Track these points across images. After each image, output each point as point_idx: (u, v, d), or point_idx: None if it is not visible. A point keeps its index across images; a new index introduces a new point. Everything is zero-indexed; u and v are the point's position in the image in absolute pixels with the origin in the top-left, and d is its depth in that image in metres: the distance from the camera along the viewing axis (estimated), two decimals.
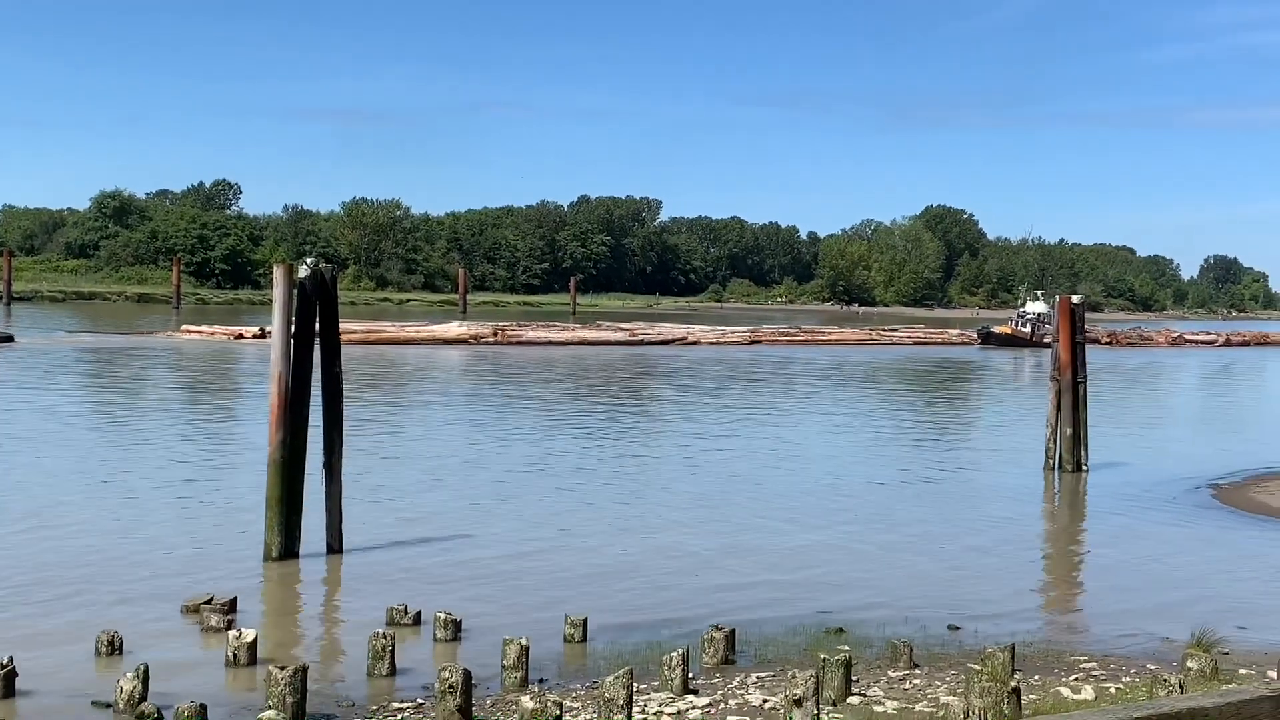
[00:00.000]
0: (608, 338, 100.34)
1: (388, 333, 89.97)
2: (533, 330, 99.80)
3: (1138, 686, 14.34)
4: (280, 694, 12.88)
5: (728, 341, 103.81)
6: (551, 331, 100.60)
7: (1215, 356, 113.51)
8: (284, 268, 21.67)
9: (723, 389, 61.40)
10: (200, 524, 23.88)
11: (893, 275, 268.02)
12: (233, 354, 71.67)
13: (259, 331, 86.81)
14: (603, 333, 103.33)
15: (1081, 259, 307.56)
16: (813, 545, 23.84)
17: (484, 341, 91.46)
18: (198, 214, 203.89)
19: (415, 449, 35.60)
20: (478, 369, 69.40)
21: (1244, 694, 5.63)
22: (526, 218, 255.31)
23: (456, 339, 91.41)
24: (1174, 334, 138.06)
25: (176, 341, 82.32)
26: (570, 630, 16.79)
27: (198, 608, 17.38)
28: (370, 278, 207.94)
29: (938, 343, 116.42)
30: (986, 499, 30.17)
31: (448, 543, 22.90)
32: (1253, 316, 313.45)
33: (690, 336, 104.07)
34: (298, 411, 21.19)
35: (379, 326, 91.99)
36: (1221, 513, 28.86)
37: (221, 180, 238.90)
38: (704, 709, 13.61)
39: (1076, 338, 34.10)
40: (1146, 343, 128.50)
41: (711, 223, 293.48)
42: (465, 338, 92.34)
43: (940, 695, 14.01)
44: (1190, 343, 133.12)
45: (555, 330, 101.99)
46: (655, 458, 35.47)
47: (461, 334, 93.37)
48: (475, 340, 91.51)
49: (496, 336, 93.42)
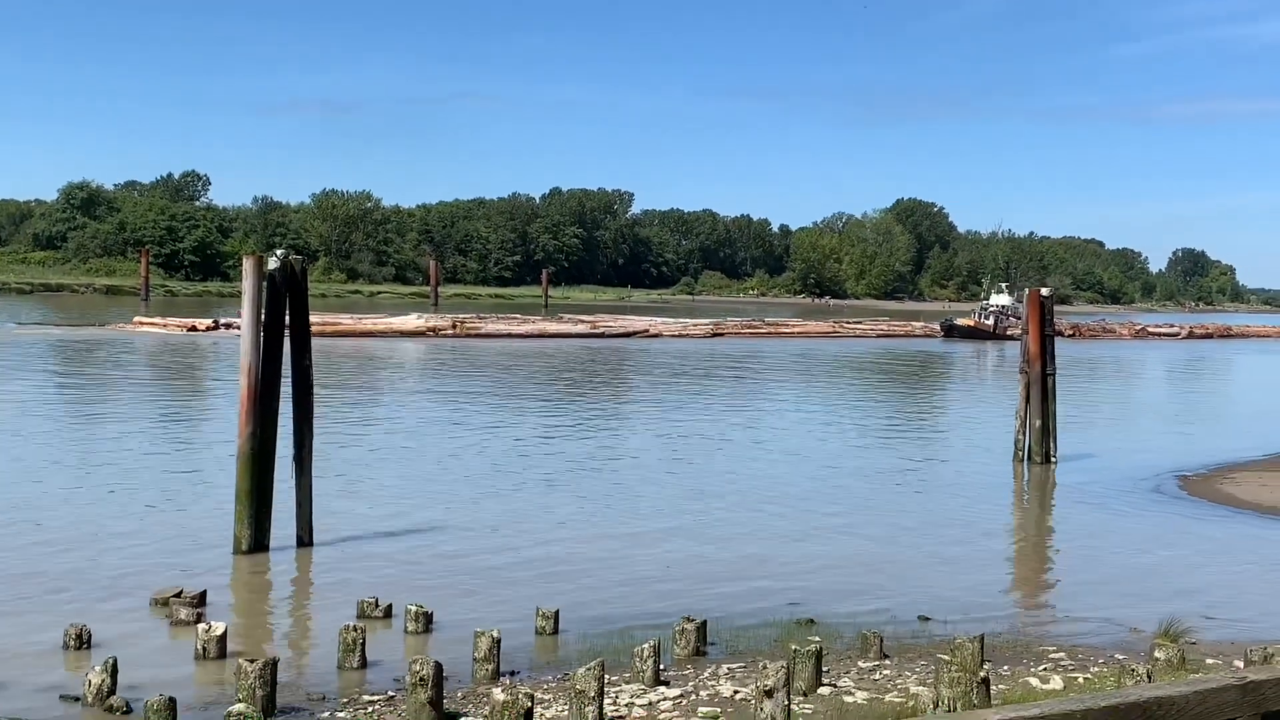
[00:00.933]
0: (568, 330, 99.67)
1: (344, 325, 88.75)
2: (492, 323, 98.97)
3: (1106, 676, 14.44)
4: (250, 687, 12.83)
5: (690, 334, 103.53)
6: (511, 324, 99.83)
7: (1178, 349, 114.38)
8: (254, 260, 21.56)
9: (688, 382, 61.48)
10: (168, 517, 23.76)
11: (864, 268, 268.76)
12: (188, 347, 71.14)
13: (214, 324, 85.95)
14: (563, 325, 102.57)
15: (1051, 252, 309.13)
16: (783, 537, 23.89)
17: (443, 334, 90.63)
18: (166, 205, 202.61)
19: (383, 442, 35.52)
20: (439, 362, 69.15)
21: (1210, 683, 5.67)
22: (498, 210, 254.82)
23: (415, 331, 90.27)
24: (1137, 326, 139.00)
25: (130, 334, 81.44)
26: (541, 623, 16.79)
27: (167, 601, 17.29)
28: (341, 270, 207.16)
29: (900, 335, 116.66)
30: (956, 491, 30.30)
31: (419, 536, 22.85)
32: (1220, 309, 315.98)
33: (652, 329, 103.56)
34: (267, 404, 21.09)
35: (335, 318, 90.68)
36: (1188, 504, 29.07)
37: (190, 171, 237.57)
38: (675, 700, 13.63)
39: (1046, 330, 34.28)
40: (1110, 335, 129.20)
41: (683, 215, 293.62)
42: (423, 330, 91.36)
43: (910, 685, 14.07)
44: (1153, 335, 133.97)
45: (515, 323, 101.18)
46: (625, 451, 35.47)
47: (420, 326, 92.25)
48: (434, 333, 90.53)
49: (455, 329, 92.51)
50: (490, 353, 75.53)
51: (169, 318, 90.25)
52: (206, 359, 64.23)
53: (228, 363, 60.85)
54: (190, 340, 77.37)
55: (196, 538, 21.95)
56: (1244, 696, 5.75)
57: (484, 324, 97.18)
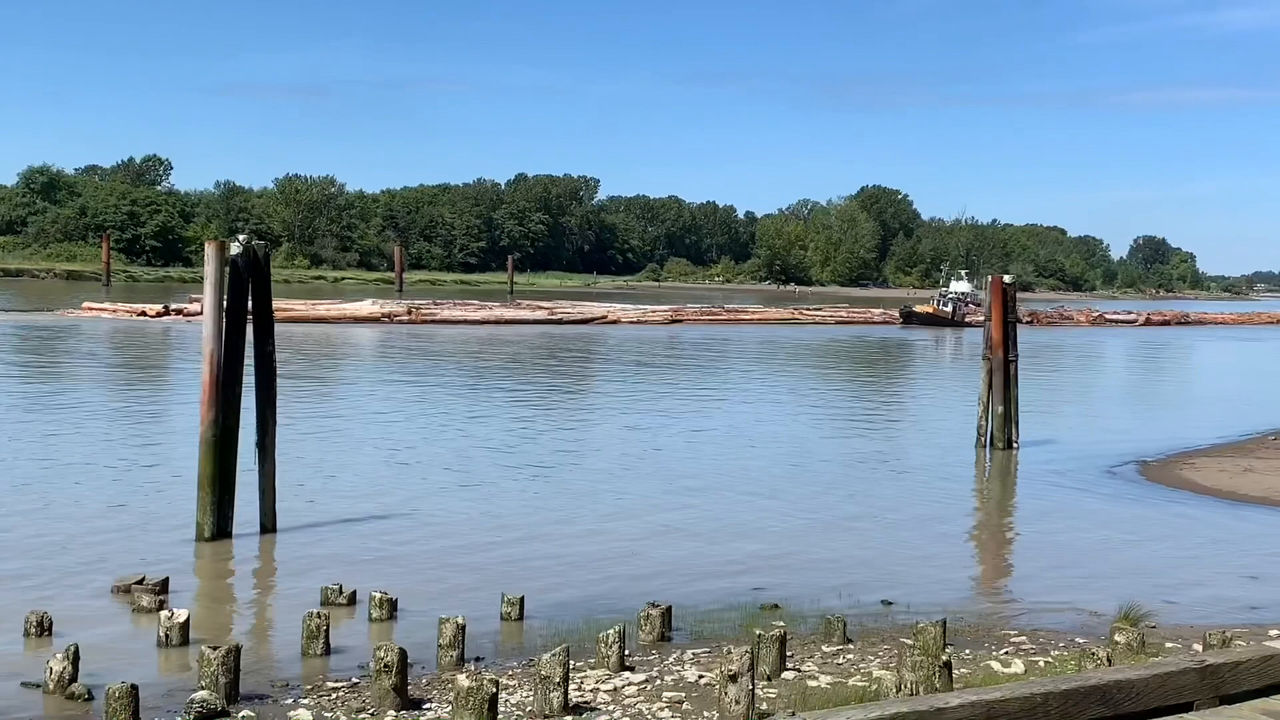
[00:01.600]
0: (526, 316, 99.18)
1: (297, 310, 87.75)
2: (448, 309, 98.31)
3: (1066, 660, 14.55)
4: (213, 674, 12.77)
5: (649, 320, 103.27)
6: (468, 310, 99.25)
7: (1136, 336, 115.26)
8: (216, 245, 21.41)
9: (649, 370, 61.53)
10: (130, 504, 23.60)
11: (829, 255, 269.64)
12: (138, 333, 70.53)
13: (164, 309, 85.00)
14: (521, 311, 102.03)
15: (1014, 239, 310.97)
16: (747, 523, 23.95)
17: (398, 320, 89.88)
18: (128, 190, 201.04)
19: (344, 429, 35.39)
20: (399, 349, 68.88)
21: (1169, 666, 5.74)
22: (463, 195, 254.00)
23: (369, 317, 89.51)
24: (1095, 313, 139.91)
25: (78, 320, 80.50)
26: (507, 609, 16.78)
27: (129, 588, 17.18)
28: (304, 255, 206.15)
29: (860, 322, 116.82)
30: (919, 476, 30.45)
31: (383, 522, 22.79)
32: (1180, 296, 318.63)
33: (610, 315, 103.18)
34: (230, 390, 20.97)
35: (288, 304, 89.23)
36: (1149, 489, 29.32)
37: (152, 156, 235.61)
38: (640, 685, 13.66)
39: (1008, 317, 34.47)
40: (1068, 322, 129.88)
41: (649, 202, 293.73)
42: (378, 316, 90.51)
43: (873, 669, 14.15)
44: (1111, 322, 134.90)
45: (472, 309, 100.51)
46: (588, 439, 35.49)
47: (374, 312, 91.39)
48: (389, 319, 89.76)
49: (411, 315, 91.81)
50: (448, 340, 75.31)
51: (118, 303, 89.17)
52: (158, 345, 63.77)
53: (180, 349, 60.64)
54: (139, 326, 76.56)
55: (158, 524, 21.81)
56: (1202, 680, 5.83)
57: (440, 310, 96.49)
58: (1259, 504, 27.43)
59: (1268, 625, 17.21)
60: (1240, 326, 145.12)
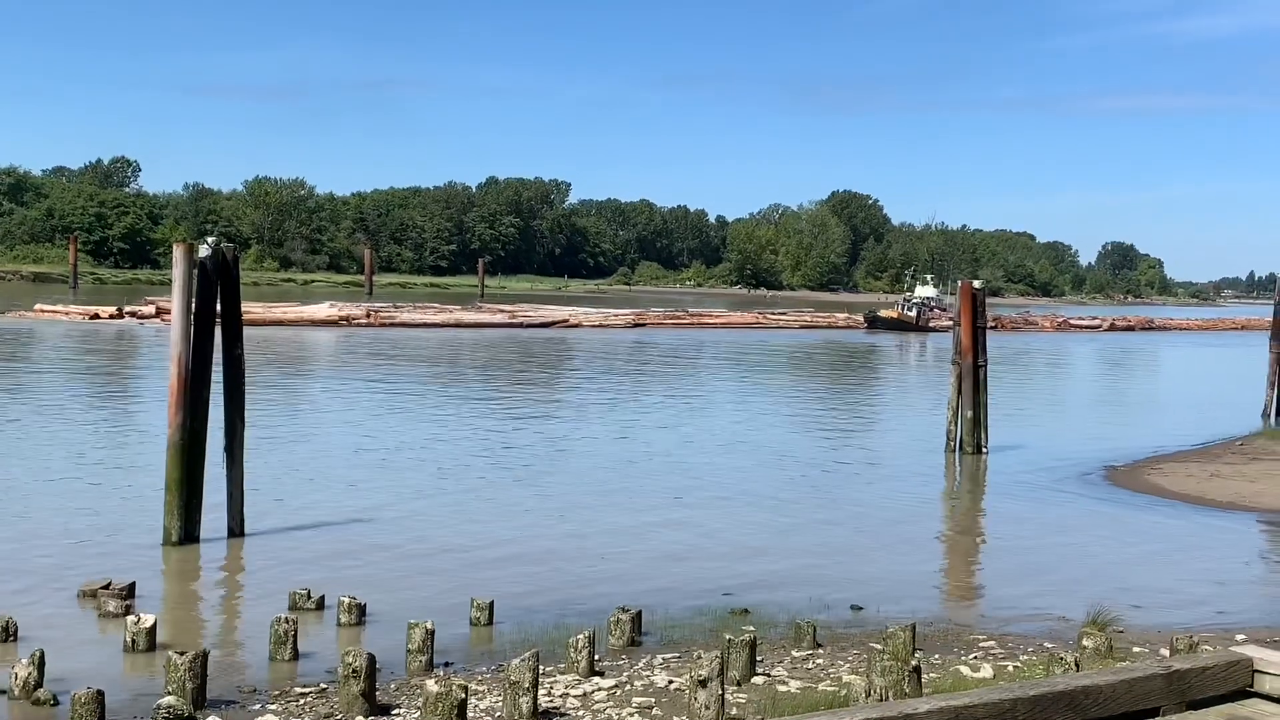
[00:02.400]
0: (486, 320, 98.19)
1: (253, 314, 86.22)
2: (408, 312, 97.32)
3: (1035, 665, 14.61)
4: (180, 679, 12.68)
5: (611, 324, 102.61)
6: (427, 313, 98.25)
7: (1102, 341, 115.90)
8: (184, 247, 21.29)
9: (615, 374, 61.52)
10: (95, 508, 23.42)
11: (800, 259, 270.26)
12: (91, 335, 69.86)
13: (117, 311, 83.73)
14: (481, 315, 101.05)
15: (983, 244, 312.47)
16: (718, 528, 23.97)
17: (356, 323, 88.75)
18: (95, 191, 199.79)
19: (311, 433, 35.25)
20: (358, 352, 68.53)
21: (1137, 671, 5.76)
22: (434, 198, 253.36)
23: (326, 321, 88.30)
24: (1059, 319, 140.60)
25: (32, 322, 79.37)
26: (476, 614, 16.73)
27: (95, 593, 17.05)
28: (274, 258, 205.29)
29: (823, 326, 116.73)
30: (888, 481, 30.54)
31: (351, 527, 22.70)
32: (1148, 302, 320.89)
33: (572, 319, 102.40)
34: (198, 394, 20.85)
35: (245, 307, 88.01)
36: (1117, 494, 29.49)
37: (120, 157, 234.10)
38: (610, 690, 13.64)
39: (978, 322, 34.61)
40: (1031, 328, 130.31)
41: (620, 205, 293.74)
42: (335, 319, 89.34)
43: (843, 674, 14.17)
44: (1075, 328, 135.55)
45: (431, 312, 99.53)
46: (556, 444, 35.43)
47: (331, 315, 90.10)
48: (347, 322, 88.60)
49: (369, 318, 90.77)
50: (409, 343, 74.87)
51: (70, 305, 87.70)
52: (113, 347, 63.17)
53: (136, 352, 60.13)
54: (92, 329, 75.43)
55: (125, 529, 21.66)
56: (1169, 685, 5.86)
57: (398, 313, 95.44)
58: (1225, 509, 27.63)
59: (1234, 629, 17.34)
60: (1205, 332, 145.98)
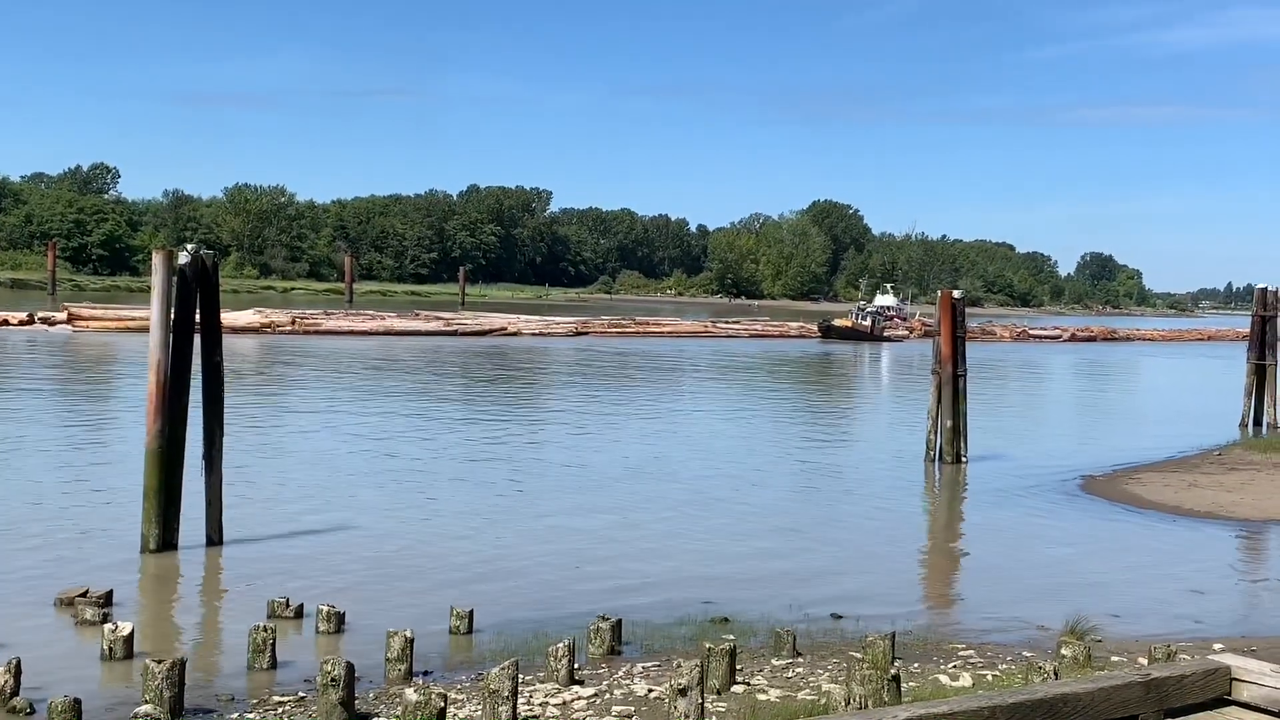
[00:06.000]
0: (420, 328, 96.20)
1: None
2: (337, 318, 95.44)
3: (1014, 674, 14.64)
4: (157, 688, 12.62)
5: (552, 333, 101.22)
6: (356, 321, 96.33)
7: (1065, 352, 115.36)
8: (164, 254, 21.22)
9: (581, 384, 61.48)
10: (73, 515, 23.29)
11: (780, 269, 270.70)
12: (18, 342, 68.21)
13: (28, 318, 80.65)
14: (414, 322, 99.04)
15: (963, 255, 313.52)
16: (697, 537, 23.97)
17: (281, 330, 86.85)
18: (74, 198, 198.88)
19: (286, 442, 35.13)
20: (283, 361, 68.19)
21: (1115, 680, 5.78)
22: (415, 206, 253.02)
23: (248, 328, 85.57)
24: (1018, 329, 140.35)
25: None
26: (456, 622, 16.70)
27: (72, 600, 16.95)
28: (254, 265, 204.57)
29: (775, 335, 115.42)
30: (868, 490, 30.59)
31: (330, 535, 22.62)
32: (1127, 313, 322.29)
33: (511, 327, 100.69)
34: (176, 401, 20.77)
35: None
36: (1095, 503, 29.58)
37: (100, 164, 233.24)
38: (590, 699, 13.62)
39: (957, 332, 34.71)
40: (989, 338, 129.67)
41: (602, 214, 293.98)
42: (258, 326, 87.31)
43: (822, 683, 14.18)
44: (1034, 338, 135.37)
45: (361, 319, 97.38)
46: (530, 452, 35.41)
47: (254, 322, 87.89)
48: (271, 329, 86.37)
49: (294, 325, 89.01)
50: (332, 354, 73.74)
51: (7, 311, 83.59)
52: (17, 354, 62.30)
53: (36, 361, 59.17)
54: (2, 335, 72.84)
55: (102, 536, 21.56)
56: (1147, 693, 5.87)
57: (325, 320, 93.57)
58: (1203, 518, 27.75)
59: (1212, 638, 17.40)
60: (1168, 344, 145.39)
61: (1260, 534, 26.73)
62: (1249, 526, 27.09)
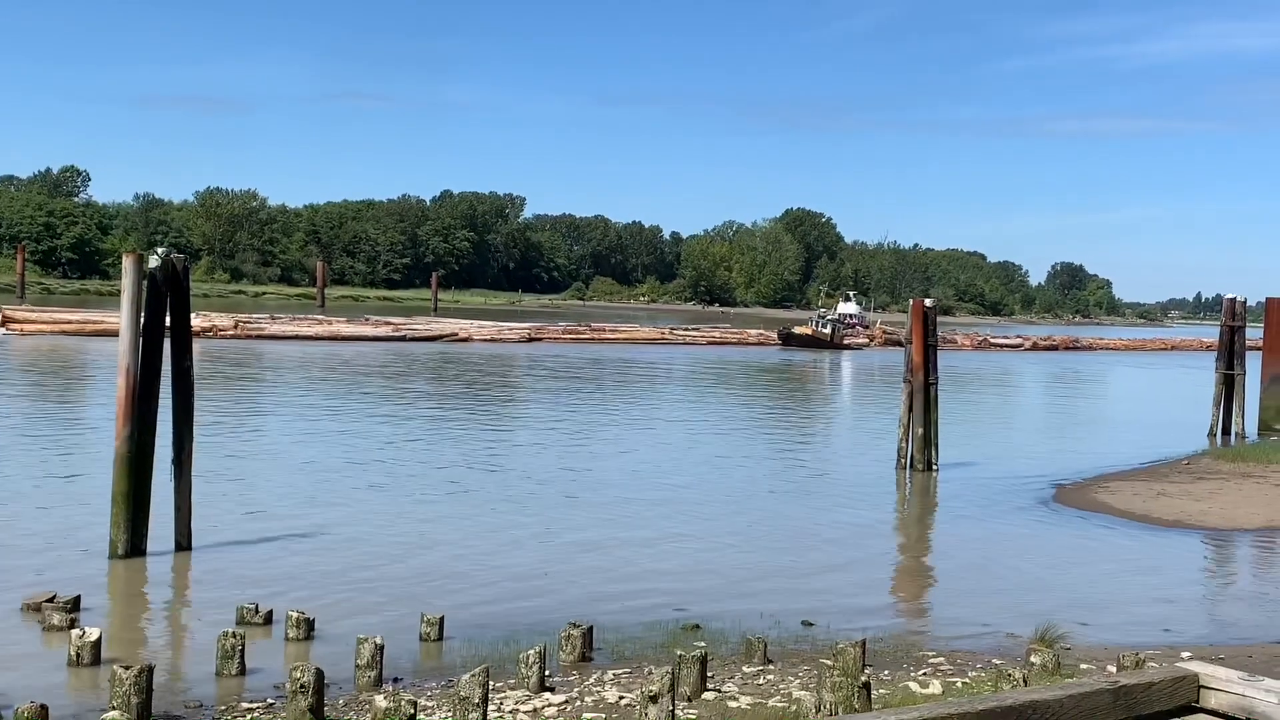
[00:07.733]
0: (368, 333, 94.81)
1: (108, 323, 77.96)
2: (279, 323, 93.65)
3: (983, 681, 14.69)
4: (125, 694, 12.53)
5: (504, 339, 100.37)
6: (301, 325, 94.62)
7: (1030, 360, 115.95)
8: (134, 257, 21.10)
9: (549, 390, 61.44)
10: (41, 520, 23.12)
11: (753, 276, 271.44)
12: None
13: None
14: (361, 327, 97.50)
15: (935, 263, 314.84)
16: (668, 544, 23.96)
17: (222, 334, 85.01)
18: (44, 201, 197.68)
19: (256, 447, 34.98)
20: (232, 365, 68.19)
21: (1084, 687, 5.80)
22: (387, 211, 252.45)
23: None
24: (979, 338, 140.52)
25: None
26: (426, 629, 16.64)
27: (39, 606, 16.82)
28: (225, 269, 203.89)
29: (734, 343, 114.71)
30: (840, 498, 30.65)
31: (301, 541, 22.52)
32: (1097, 322, 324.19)
33: (462, 333, 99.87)
34: (146, 406, 20.65)
35: (96, 316, 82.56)
36: (1065, 512, 29.72)
37: (70, 167, 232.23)
38: (560, 706, 13.60)
39: (929, 340, 34.82)
40: (950, 345, 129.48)
41: (575, 221, 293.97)
42: (199, 330, 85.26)
43: (793, 690, 14.20)
44: (994, 346, 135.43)
45: (306, 324, 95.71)
46: (503, 458, 35.34)
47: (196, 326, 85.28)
48: (213, 333, 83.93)
49: (236, 329, 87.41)
50: (285, 358, 73.95)
51: None
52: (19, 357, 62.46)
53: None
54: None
55: (70, 541, 21.39)
56: (1116, 700, 5.90)
57: (268, 325, 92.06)
58: (1172, 527, 27.92)
59: (1180, 646, 17.50)
60: (1131, 353, 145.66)
61: (1228, 543, 26.91)
62: (1217, 535, 27.27)
